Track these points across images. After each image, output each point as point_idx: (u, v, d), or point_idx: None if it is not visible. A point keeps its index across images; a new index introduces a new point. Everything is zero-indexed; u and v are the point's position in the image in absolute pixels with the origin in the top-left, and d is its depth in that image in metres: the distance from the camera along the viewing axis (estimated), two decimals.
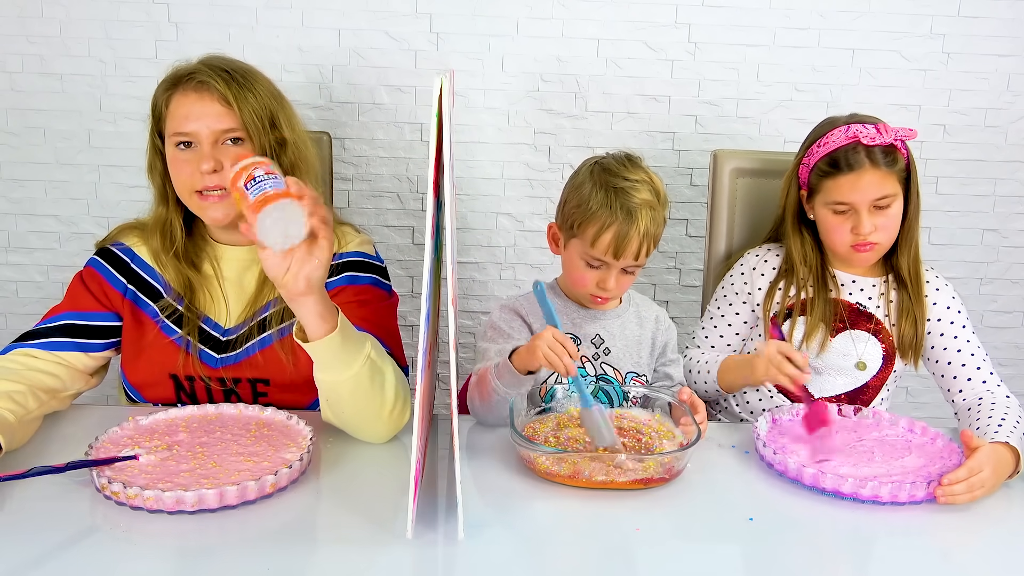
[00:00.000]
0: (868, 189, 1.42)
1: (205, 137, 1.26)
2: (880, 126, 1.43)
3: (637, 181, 1.33)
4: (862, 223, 1.43)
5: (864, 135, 1.42)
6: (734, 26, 2.03)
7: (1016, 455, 1.18)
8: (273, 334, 1.32)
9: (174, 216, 1.34)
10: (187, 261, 1.35)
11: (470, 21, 2.01)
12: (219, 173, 1.26)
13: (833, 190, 1.45)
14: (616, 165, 1.36)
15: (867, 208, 1.42)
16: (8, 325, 2.14)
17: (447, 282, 1.05)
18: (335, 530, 1.01)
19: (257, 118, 1.28)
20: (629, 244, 1.31)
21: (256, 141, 1.29)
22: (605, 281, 1.35)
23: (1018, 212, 2.18)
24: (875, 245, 1.45)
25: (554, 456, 1.11)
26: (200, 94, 1.26)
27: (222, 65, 1.30)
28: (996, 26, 2.04)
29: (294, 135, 1.34)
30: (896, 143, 1.43)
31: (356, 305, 1.31)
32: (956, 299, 1.51)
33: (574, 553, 0.98)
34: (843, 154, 1.43)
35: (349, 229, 1.44)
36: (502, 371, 1.22)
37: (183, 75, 1.29)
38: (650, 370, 1.46)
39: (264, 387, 1.33)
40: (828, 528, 1.06)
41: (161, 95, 1.30)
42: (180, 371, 1.32)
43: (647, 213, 1.32)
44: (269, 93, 1.32)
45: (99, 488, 1.02)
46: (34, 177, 2.07)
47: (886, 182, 1.42)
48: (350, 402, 1.18)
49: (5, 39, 1.98)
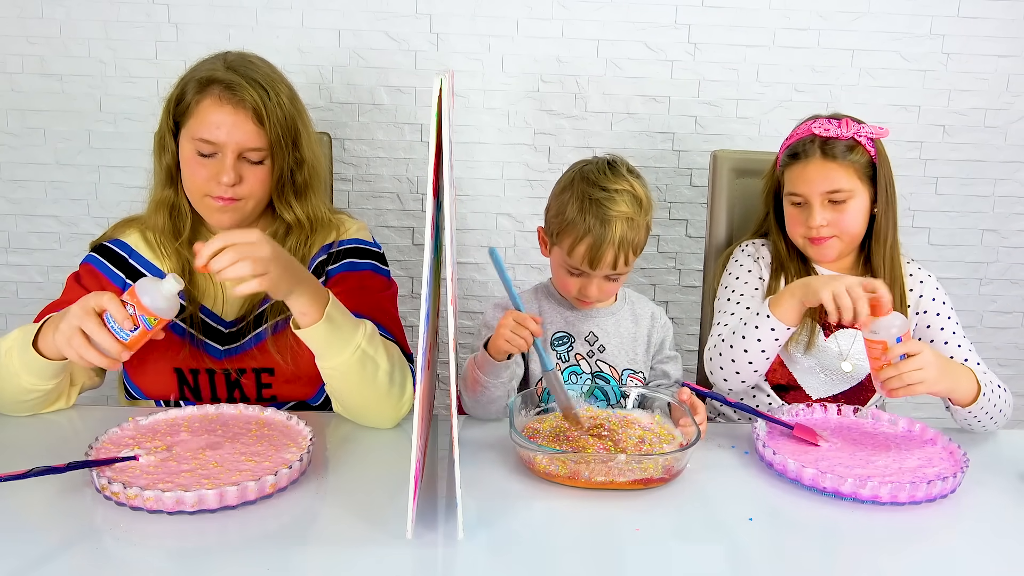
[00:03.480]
0: (816, 180, 1.43)
1: (231, 151, 1.27)
2: (844, 121, 1.45)
3: (616, 191, 1.33)
4: (813, 215, 1.44)
5: (819, 127, 1.45)
6: (734, 26, 2.03)
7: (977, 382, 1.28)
8: (270, 328, 1.33)
9: (182, 200, 1.34)
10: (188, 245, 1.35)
11: (470, 21, 2.01)
12: (236, 186, 1.28)
13: (788, 180, 1.49)
14: (596, 174, 1.35)
15: (820, 201, 1.44)
16: (8, 325, 2.14)
17: (447, 282, 1.05)
18: (335, 530, 1.00)
19: (283, 137, 1.30)
20: (604, 255, 1.32)
21: (278, 162, 1.31)
22: (586, 288, 1.36)
23: (1018, 212, 2.18)
24: (828, 240, 1.45)
25: (553, 456, 1.11)
26: (236, 108, 1.26)
27: (257, 78, 1.29)
28: (995, 26, 2.04)
29: (311, 154, 1.36)
30: (858, 138, 1.44)
31: (356, 292, 1.34)
32: (940, 290, 1.52)
33: (574, 553, 0.98)
34: (799, 143, 1.48)
35: (345, 217, 1.46)
36: (480, 361, 1.26)
37: (220, 80, 1.27)
38: (647, 367, 1.46)
39: (269, 377, 1.34)
40: (828, 528, 1.06)
41: (192, 92, 1.28)
42: (184, 364, 1.32)
43: (623, 224, 1.31)
44: (293, 106, 1.33)
45: (99, 488, 1.02)
46: (34, 178, 2.07)
47: (837, 175, 1.43)
48: (344, 387, 1.23)
49: (5, 39, 1.98)
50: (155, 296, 1.10)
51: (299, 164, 1.34)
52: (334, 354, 1.18)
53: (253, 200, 1.31)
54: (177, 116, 1.30)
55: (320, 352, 1.19)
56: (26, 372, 1.18)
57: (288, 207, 1.35)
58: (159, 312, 1.10)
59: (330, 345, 1.18)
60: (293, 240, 1.36)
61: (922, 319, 1.50)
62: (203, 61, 1.33)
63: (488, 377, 1.25)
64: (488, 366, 1.25)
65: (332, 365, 1.19)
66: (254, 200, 1.32)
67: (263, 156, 1.30)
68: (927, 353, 1.20)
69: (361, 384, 1.21)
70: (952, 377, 1.27)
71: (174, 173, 1.33)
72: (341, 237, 1.41)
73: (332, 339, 1.17)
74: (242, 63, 1.30)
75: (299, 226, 1.37)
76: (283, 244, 1.35)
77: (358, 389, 1.22)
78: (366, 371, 1.20)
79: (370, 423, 1.26)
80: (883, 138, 1.47)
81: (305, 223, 1.37)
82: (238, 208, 1.30)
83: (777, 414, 1.29)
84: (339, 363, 1.19)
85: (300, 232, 1.37)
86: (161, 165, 1.34)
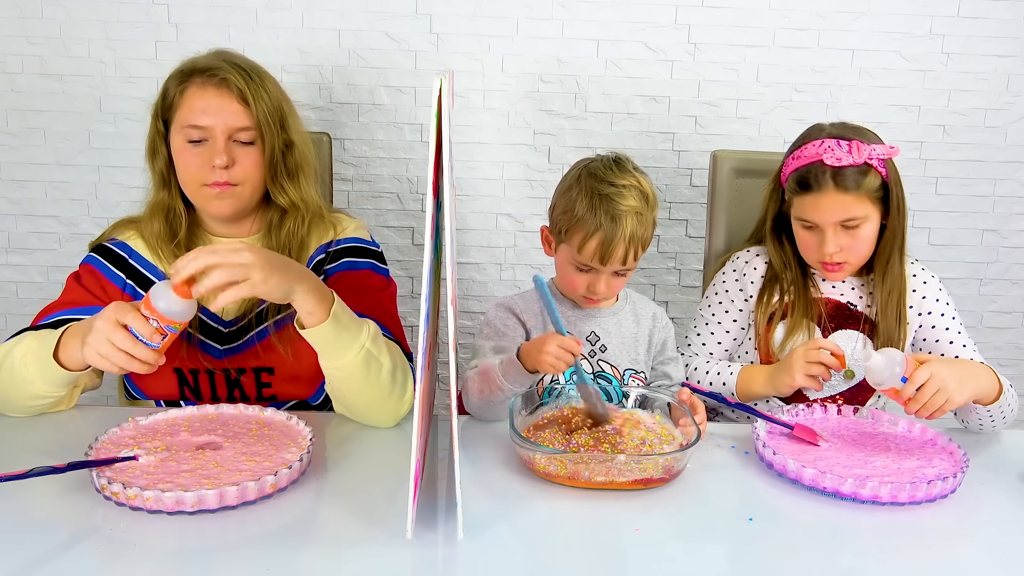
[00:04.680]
0: (830, 211, 1.40)
1: (220, 132, 1.27)
2: (854, 144, 1.39)
3: (624, 186, 1.33)
4: (827, 242, 1.41)
5: (830, 156, 1.38)
6: (734, 26, 2.03)
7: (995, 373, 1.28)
8: (270, 326, 1.33)
9: (177, 202, 1.35)
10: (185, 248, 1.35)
11: (470, 22, 2.01)
12: (230, 169, 1.28)
13: (799, 207, 1.45)
14: (603, 170, 1.36)
15: (832, 228, 1.41)
16: (8, 325, 2.14)
17: (447, 283, 1.05)
18: (335, 530, 1.00)
19: (270, 118, 1.30)
20: (615, 250, 1.31)
21: (268, 141, 1.31)
22: (595, 285, 1.36)
23: (1018, 212, 2.18)
24: (842, 265, 1.44)
25: (553, 456, 1.11)
26: (219, 89, 1.27)
27: (238, 62, 1.31)
28: (995, 26, 2.04)
29: (300, 138, 1.37)
30: (870, 162, 1.39)
31: (356, 291, 1.34)
32: (943, 291, 1.52)
33: (574, 553, 0.98)
34: (809, 172, 1.41)
35: (343, 216, 1.46)
36: (508, 369, 1.23)
37: (200, 68, 1.29)
38: (648, 367, 1.46)
39: (268, 377, 1.34)
40: (828, 528, 1.06)
41: (174, 85, 1.30)
42: (183, 364, 1.32)
43: (633, 219, 1.32)
44: (278, 92, 1.35)
45: (99, 488, 1.02)
46: (34, 178, 2.07)
47: (851, 205, 1.39)
48: (348, 387, 1.22)
49: (5, 39, 1.98)
50: (170, 302, 1.09)
51: (288, 147, 1.34)
52: (339, 354, 1.18)
53: (249, 185, 1.32)
54: (164, 114, 1.31)
55: (325, 352, 1.19)
56: (42, 380, 1.19)
57: (282, 191, 1.35)
58: (178, 317, 1.11)
59: (335, 345, 1.17)
60: (291, 223, 1.36)
61: (925, 320, 1.50)
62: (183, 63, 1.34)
63: (513, 386, 1.24)
64: (516, 375, 1.23)
65: (337, 365, 1.19)
66: (250, 185, 1.32)
67: (253, 136, 1.30)
68: (938, 371, 1.19)
69: (365, 384, 1.21)
70: (973, 380, 1.25)
71: (168, 176, 1.33)
72: (339, 236, 1.41)
73: (338, 339, 1.17)
74: (222, 52, 1.33)
75: (294, 208, 1.37)
76: (280, 229, 1.36)
77: (361, 389, 1.22)
78: (370, 371, 1.20)
79: (371, 422, 1.26)
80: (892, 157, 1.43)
81: (300, 205, 1.37)
82: (235, 194, 1.30)
83: (777, 414, 1.29)
84: (344, 363, 1.18)
85: (296, 214, 1.37)
86: (154, 170, 1.34)
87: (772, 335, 1.50)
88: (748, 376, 1.47)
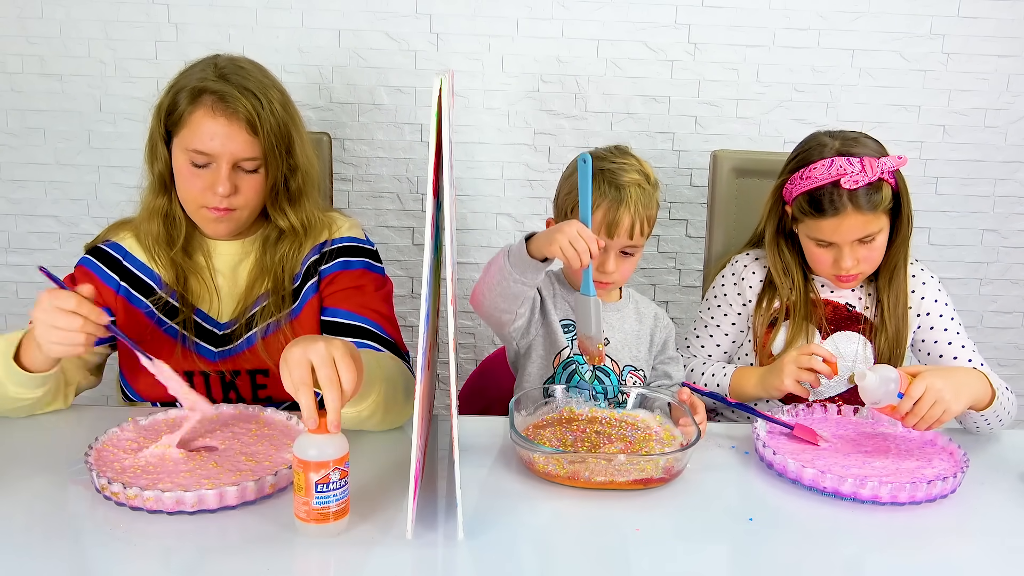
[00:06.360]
0: (850, 232, 1.39)
1: (226, 161, 1.26)
2: (865, 161, 1.37)
3: (625, 163, 1.37)
4: (844, 259, 1.41)
5: (847, 178, 1.36)
6: (734, 26, 2.03)
7: (989, 383, 1.27)
8: (258, 332, 1.32)
9: (176, 208, 1.34)
10: (182, 250, 1.35)
11: (470, 21, 2.01)
12: (231, 196, 1.28)
13: (814, 228, 1.42)
14: (605, 152, 1.41)
15: (850, 245, 1.41)
16: (8, 325, 2.14)
17: (447, 282, 1.05)
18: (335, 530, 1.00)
19: (277, 147, 1.29)
20: (621, 220, 1.33)
21: (272, 170, 1.30)
22: (604, 264, 1.36)
23: (1018, 212, 2.18)
24: (857, 276, 1.45)
25: (553, 456, 1.11)
26: (229, 118, 1.25)
27: (250, 86, 1.27)
28: (995, 26, 2.04)
29: (305, 160, 1.35)
30: (883, 177, 1.38)
31: (351, 290, 1.34)
32: (942, 292, 1.52)
33: (574, 553, 0.98)
34: (824, 195, 1.38)
35: (336, 215, 1.45)
36: (513, 252, 1.25)
37: (212, 90, 1.26)
38: (648, 366, 1.47)
39: (264, 379, 1.34)
40: (828, 528, 1.06)
41: (185, 102, 1.27)
42: (178, 367, 1.32)
43: (636, 190, 1.34)
44: (285, 112, 1.31)
45: (99, 488, 1.02)
46: (34, 178, 2.07)
47: (870, 223, 1.39)
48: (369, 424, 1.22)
49: (5, 39, 1.98)
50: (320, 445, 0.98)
51: (292, 171, 1.34)
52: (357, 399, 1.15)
53: (248, 209, 1.32)
54: (169, 125, 1.30)
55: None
56: (11, 383, 1.18)
57: (282, 214, 1.35)
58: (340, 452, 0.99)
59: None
60: (286, 246, 1.36)
61: (924, 321, 1.50)
62: (192, 66, 1.31)
63: (513, 268, 1.24)
64: (519, 259, 1.23)
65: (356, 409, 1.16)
66: (249, 209, 1.32)
67: (257, 165, 1.29)
68: (932, 383, 1.19)
69: (387, 416, 1.22)
70: (968, 389, 1.25)
71: (167, 181, 1.33)
72: (333, 236, 1.40)
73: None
74: (234, 70, 1.29)
75: (293, 232, 1.36)
76: (275, 250, 1.36)
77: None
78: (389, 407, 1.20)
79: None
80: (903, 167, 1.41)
81: (299, 229, 1.36)
82: (233, 218, 1.31)
83: (777, 414, 1.30)
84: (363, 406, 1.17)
85: (294, 238, 1.36)
86: (153, 172, 1.34)
87: (772, 339, 1.50)
88: (740, 378, 1.47)
